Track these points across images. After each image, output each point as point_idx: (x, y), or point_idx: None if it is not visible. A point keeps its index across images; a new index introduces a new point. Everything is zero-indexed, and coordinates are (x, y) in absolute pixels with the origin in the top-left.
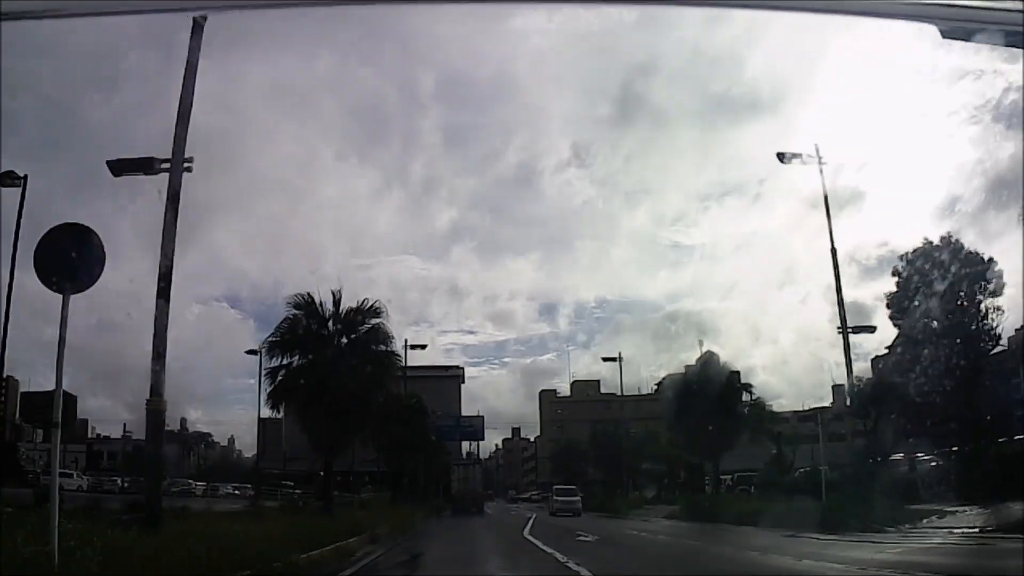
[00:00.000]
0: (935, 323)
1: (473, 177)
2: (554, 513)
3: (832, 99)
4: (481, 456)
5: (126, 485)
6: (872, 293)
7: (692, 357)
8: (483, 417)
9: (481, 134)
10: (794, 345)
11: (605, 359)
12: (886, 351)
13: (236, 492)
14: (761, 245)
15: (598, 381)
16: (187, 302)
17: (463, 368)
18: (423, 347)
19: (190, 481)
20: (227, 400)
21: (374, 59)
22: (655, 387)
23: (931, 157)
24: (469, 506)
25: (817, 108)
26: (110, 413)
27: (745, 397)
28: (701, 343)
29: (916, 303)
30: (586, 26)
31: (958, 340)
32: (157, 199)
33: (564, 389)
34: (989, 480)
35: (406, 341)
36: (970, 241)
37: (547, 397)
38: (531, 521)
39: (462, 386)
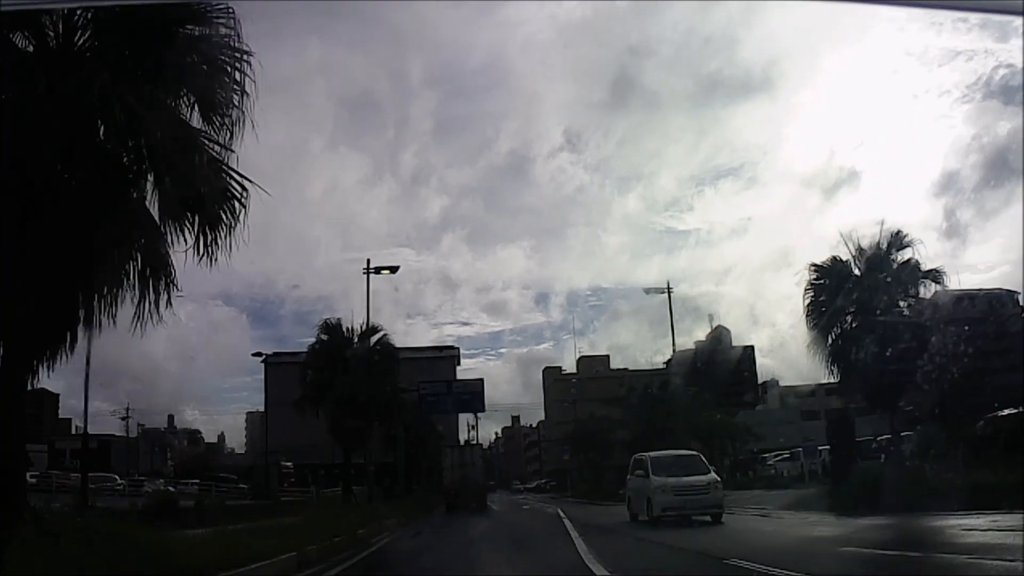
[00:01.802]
0: None
1: (465, 165)
2: (657, 517)
3: (826, 80)
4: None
5: (33, 481)
6: None
7: (690, 341)
8: (482, 380)
9: (472, 122)
10: (792, 328)
11: (648, 290)
12: None
13: (170, 488)
14: (757, 228)
15: (607, 356)
16: (179, 300)
17: (458, 348)
18: (393, 270)
19: (115, 476)
20: (223, 398)
21: (365, 49)
22: (665, 364)
23: (925, 136)
24: (467, 501)
25: (811, 89)
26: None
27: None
28: (711, 317)
29: None
30: (578, 13)
31: None
32: None
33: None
34: None
35: (368, 262)
36: (968, 218)
37: (551, 375)
38: (568, 524)
39: (458, 368)
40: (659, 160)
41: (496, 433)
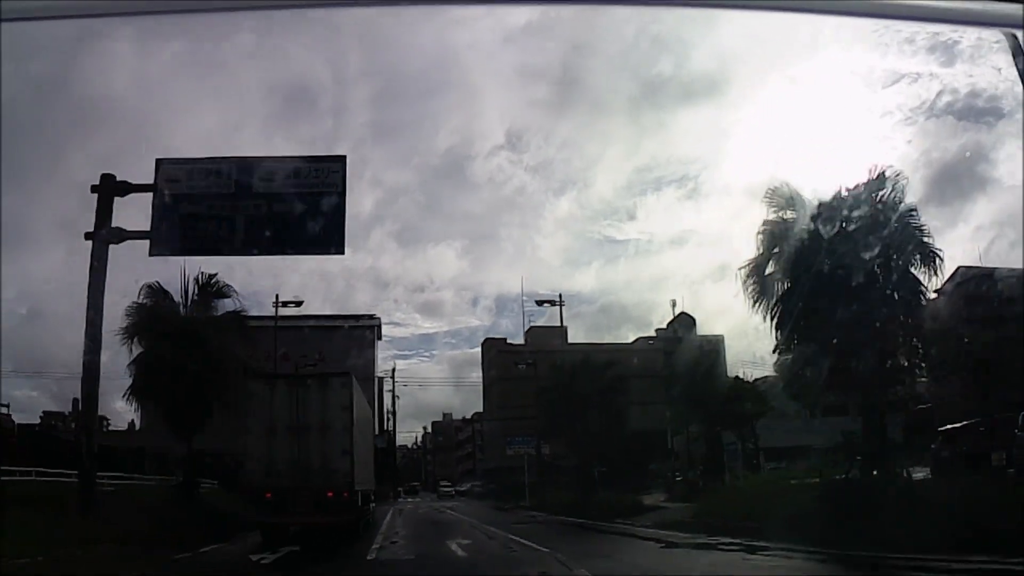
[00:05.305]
0: None
1: (401, 160)
2: None
3: (771, 94)
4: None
5: None
6: None
7: None
8: (344, 158)
9: (412, 117)
10: (729, 340)
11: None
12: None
13: None
14: (697, 240)
15: (564, 328)
16: (112, 294)
17: (379, 318)
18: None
19: None
20: None
21: (303, 40)
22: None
23: (869, 154)
24: (310, 520)
25: (756, 103)
26: (40, 404)
27: None
28: (674, 303)
29: None
30: (526, 14)
31: None
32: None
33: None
34: None
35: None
36: None
37: (494, 347)
38: None
39: (378, 343)
40: (601, 165)
41: (425, 427)
